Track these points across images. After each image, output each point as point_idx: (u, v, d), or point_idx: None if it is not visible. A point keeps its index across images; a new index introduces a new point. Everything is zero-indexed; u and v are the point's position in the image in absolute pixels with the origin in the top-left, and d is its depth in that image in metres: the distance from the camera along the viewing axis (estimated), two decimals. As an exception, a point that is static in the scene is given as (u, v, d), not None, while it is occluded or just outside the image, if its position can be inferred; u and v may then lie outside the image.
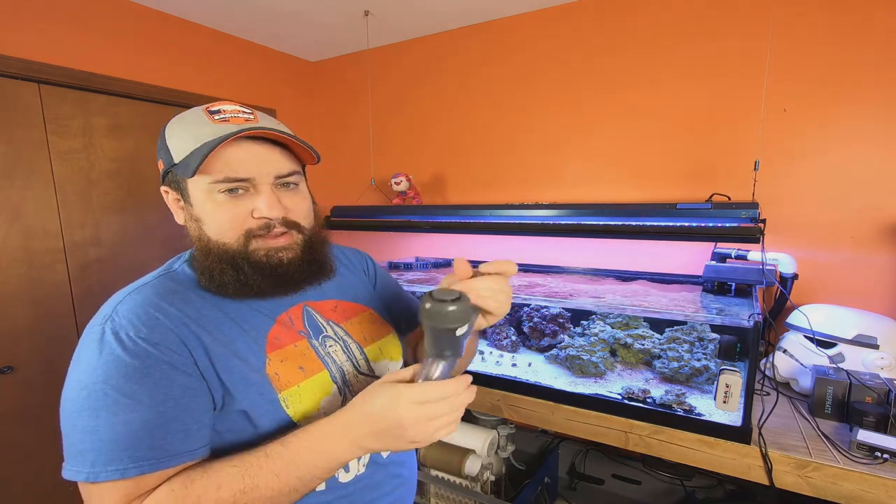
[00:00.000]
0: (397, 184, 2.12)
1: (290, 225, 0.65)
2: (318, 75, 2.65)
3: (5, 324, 1.59)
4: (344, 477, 0.67)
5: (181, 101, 2.03)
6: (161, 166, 0.65)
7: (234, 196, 0.61)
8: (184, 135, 0.61)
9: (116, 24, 1.81)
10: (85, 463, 0.52)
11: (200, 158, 0.57)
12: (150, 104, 1.96)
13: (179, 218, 0.67)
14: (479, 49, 2.14)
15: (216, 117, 0.62)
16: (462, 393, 0.56)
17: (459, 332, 0.55)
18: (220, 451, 0.59)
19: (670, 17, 1.74)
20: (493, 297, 0.58)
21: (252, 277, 0.62)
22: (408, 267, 2.06)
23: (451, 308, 0.53)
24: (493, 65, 2.12)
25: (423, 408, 0.54)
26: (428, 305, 0.54)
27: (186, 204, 0.64)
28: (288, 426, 0.62)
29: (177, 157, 0.61)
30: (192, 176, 0.58)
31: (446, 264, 2.23)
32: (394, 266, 2.06)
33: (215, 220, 0.61)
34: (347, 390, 0.71)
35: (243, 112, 0.64)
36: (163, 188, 0.67)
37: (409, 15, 2.03)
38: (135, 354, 0.54)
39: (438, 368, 0.57)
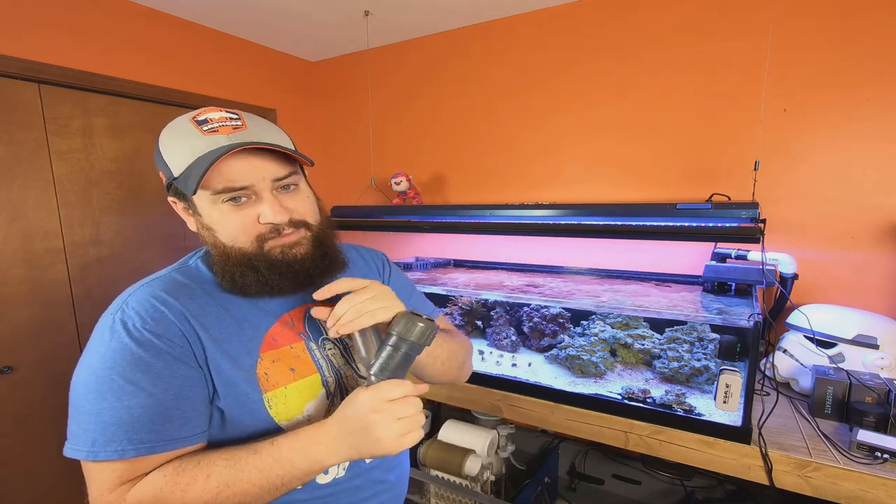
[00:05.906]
0: (397, 184, 2.12)
1: (298, 224, 0.67)
2: (318, 75, 2.65)
3: (5, 324, 1.59)
4: (322, 479, 0.68)
5: (181, 101, 2.03)
6: (163, 178, 0.66)
7: (238, 205, 0.63)
8: (177, 148, 0.62)
9: (116, 25, 1.81)
10: (86, 442, 0.55)
11: (198, 178, 0.58)
12: (150, 104, 1.96)
13: (192, 226, 0.68)
14: (480, 49, 2.14)
15: (205, 128, 0.62)
16: (416, 392, 0.61)
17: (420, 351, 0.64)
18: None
19: (671, 17, 1.74)
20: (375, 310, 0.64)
21: (270, 277, 0.64)
22: (408, 267, 2.06)
23: (428, 326, 0.62)
24: (493, 65, 2.12)
25: (388, 405, 0.58)
26: (406, 322, 0.61)
27: (196, 214, 0.66)
28: (269, 426, 0.64)
29: (175, 171, 0.62)
30: (195, 193, 0.60)
31: (446, 264, 2.23)
32: (394, 266, 2.06)
33: (226, 228, 0.63)
34: (339, 394, 0.71)
35: (231, 119, 0.63)
36: (170, 199, 0.68)
37: (409, 15, 2.03)
38: (140, 344, 0.57)
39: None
